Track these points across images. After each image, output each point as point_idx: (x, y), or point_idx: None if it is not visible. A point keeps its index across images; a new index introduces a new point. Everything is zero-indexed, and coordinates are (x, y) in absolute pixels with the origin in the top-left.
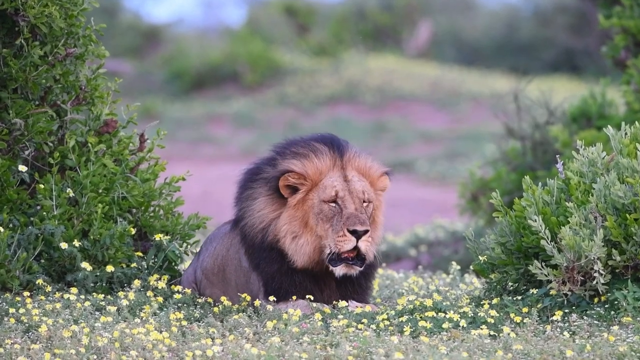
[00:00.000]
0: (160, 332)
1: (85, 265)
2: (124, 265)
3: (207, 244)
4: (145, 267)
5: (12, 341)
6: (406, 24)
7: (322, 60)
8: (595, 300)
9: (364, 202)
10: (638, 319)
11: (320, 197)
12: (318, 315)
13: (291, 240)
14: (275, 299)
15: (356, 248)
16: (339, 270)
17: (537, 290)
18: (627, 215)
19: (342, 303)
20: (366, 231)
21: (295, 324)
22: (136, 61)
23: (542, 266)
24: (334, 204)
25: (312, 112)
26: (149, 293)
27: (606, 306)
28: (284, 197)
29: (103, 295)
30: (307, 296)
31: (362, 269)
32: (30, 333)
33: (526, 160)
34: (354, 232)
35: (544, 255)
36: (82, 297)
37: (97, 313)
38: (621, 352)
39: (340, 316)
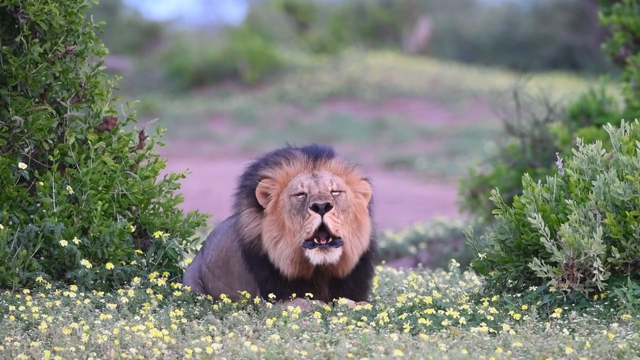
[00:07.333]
0: (160, 329)
1: (85, 262)
2: (124, 263)
3: (210, 237)
4: (145, 264)
5: (12, 338)
6: (406, 21)
7: (322, 58)
8: (595, 297)
9: (332, 191)
10: (637, 316)
11: (289, 194)
12: (317, 313)
13: (273, 247)
14: (274, 297)
15: (324, 228)
16: (314, 255)
17: (536, 287)
18: (627, 212)
19: (342, 301)
20: (328, 205)
21: (295, 321)
22: (136, 58)
23: (541, 263)
24: (301, 196)
25: (311, 110)
26: (149, 290)
27: (605, 303)
28: (263, 209)
29: (103, 292)
30: (307, 294)
31: (338, 249)
32: (30, 330)
33: (526, 157)
34: (315, 208)
35: (543, 253)
36: (82, 294)
37: (96, 310)
38: (620, 350)
39: (340, 314)
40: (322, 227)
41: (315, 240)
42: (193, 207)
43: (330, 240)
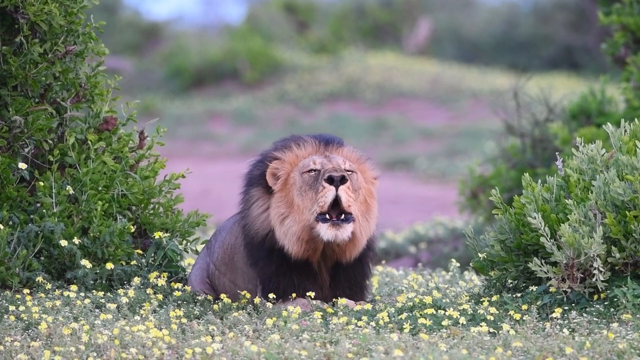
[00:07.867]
0: (160, 329)
1: (85, 262)
2: (124, 263)
3: (215, 236)
4: (145, 264)
5: (12, 339)
6: (406, 21)
7: (322, 58)
8: (595, 297)
9: (345, 170)
10: (637, 316)
11: (300, 172)
12: (317, 313)
13: (280, 223)
14: (275, 297)
15: (337, 202)
16: (325, 231)
17: (536, 287)
18: (627, 212)
19: (342, 301)
20: (343, 177)
21: (295, 321)
22: (136, 58)
23: (541, 263)
24: (313, 172)
25: (311, 110)
26: (149, 290)
27: (605, 303)
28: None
29: (103, 292)
30: (308, 294)
31: (350, 225)
32: (30, 330)
33: (526, 157)
34: (330, 180)
35: (543, 253)
36: (82, 294)
37: (96, 310)
38: (620, 349)
39: (340, 313)
40: (335, 204)
41: (327, 216)
42: (193, 207)
43: (343, 216)
